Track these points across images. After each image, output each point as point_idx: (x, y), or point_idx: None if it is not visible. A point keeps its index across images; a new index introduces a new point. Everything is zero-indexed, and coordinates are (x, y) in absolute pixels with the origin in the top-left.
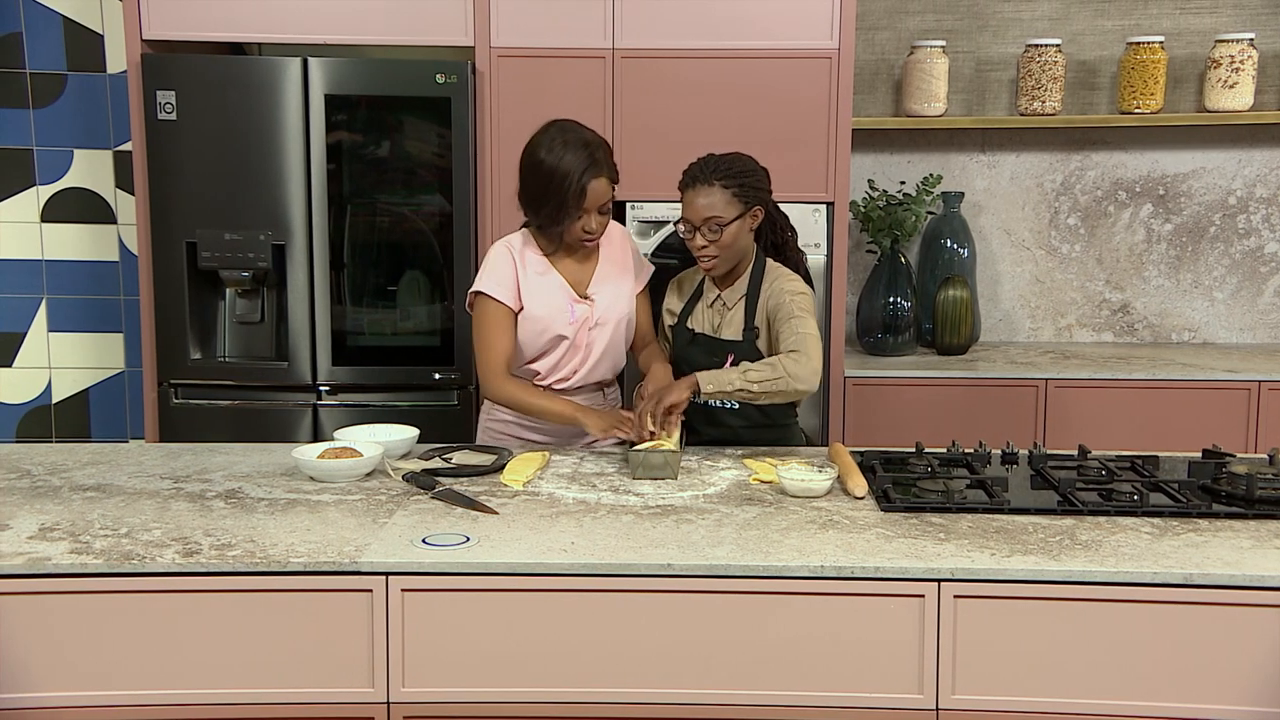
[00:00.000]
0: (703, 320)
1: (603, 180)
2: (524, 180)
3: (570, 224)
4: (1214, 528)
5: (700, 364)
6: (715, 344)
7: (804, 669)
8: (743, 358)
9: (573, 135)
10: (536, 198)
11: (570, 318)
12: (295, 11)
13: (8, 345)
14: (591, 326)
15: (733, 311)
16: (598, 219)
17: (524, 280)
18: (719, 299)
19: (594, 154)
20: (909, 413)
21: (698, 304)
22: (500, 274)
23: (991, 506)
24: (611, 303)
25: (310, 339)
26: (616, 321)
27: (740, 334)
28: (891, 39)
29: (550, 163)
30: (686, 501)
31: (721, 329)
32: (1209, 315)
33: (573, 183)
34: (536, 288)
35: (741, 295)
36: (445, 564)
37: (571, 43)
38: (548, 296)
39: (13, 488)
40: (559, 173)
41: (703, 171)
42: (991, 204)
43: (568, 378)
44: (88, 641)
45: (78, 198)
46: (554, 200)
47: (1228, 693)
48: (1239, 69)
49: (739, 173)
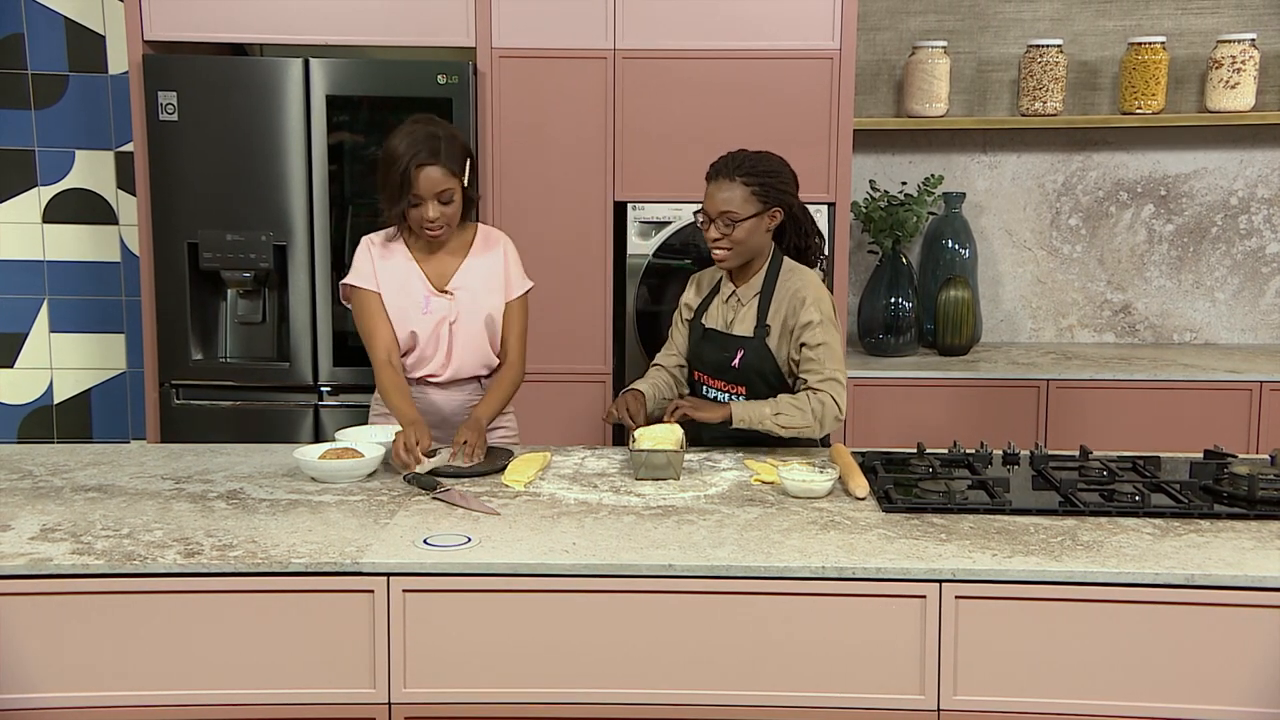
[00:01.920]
0: (717, 316)
1: (436, 168)
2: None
3: (408, 210)
4: (1215, 528)
5: (709, 359)
6: (726, 339)
7: (805, 669)
8: (751, 354)
9: (422, 126)
10: (379, 184)
11: (424, 308)
12: (297, 12)
13: (9, 346)
14: (452, 320)
15: (746, 308)
16: (436, 208)
17: (380, 268)
18: (734, 295)
19: (434, 144)
20: (910, 413)
21: (714, 300)
22: (359, 264)
23: (993, 507)
24: (472, 299)
25: (311, 340)
26: (480, 318)
27: (751, 330)
28: (893, 39)
29: (389, 147)
30: (688, 502)
31: (734, 325)
32: (1210, 316)
33: (402, 166)
34: (392, 277)
35: (756, 292)
36: (447, 565)
37: (573, 43)
38: (402, 286)
39: (14, 488)
40: (392, 156)
41: (726, 166)
42: (993, 204)
43: (437, 373)
44: (89, 642)
45: (79, 198)
46: (389, 185)
47: (1229, 693)
48: (1240, 69)
49: (762, 172)
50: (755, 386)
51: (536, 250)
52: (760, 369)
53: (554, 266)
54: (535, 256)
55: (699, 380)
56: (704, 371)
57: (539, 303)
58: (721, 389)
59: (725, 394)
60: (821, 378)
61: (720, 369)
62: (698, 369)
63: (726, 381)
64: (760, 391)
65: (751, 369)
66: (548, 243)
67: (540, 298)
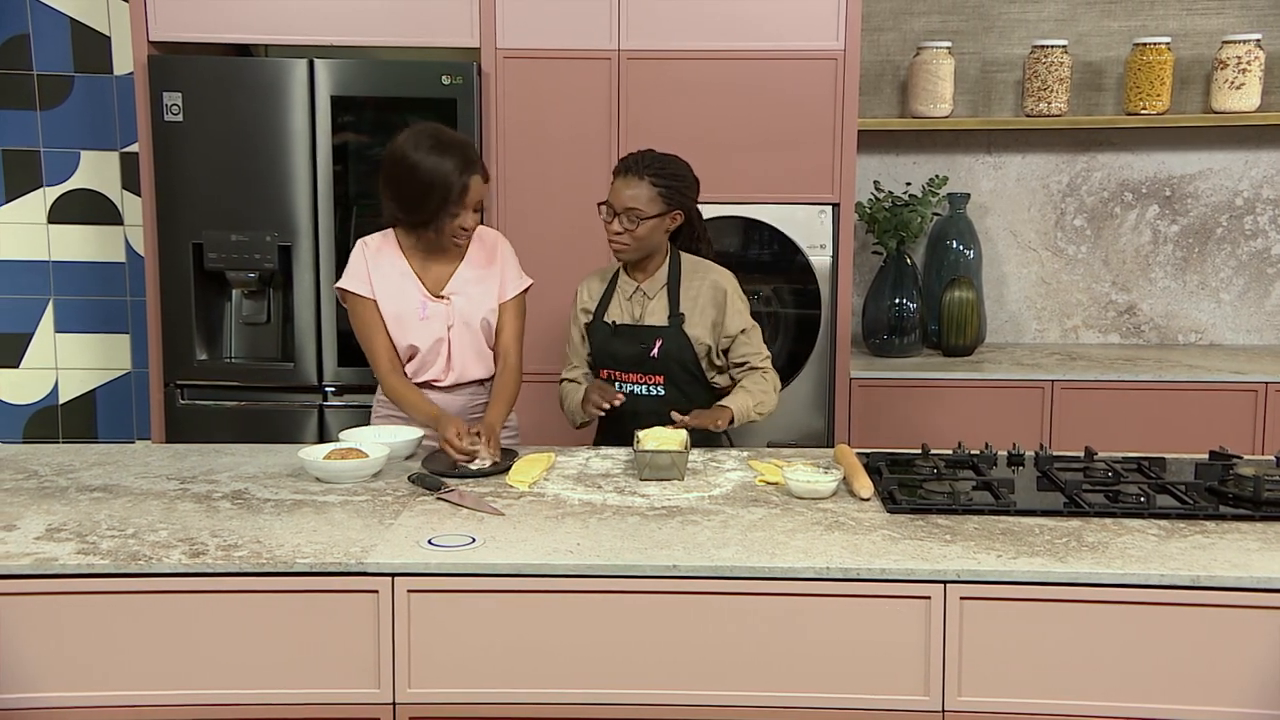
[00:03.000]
0: (622, 312)
1: (479, 177)
2: (397, 184)
3: (449, 224)
4: (1221, 529)
5: (625, 353)
6: (641, 331)
7: (810, 670)
8: (670, 343)
9: (445, 136)
10: (414, 200)
11: (421, 313)
12: (301, 13)
13: (15, 346)
14: (450, 325)
15: (655, 300)
16: (473, 217)
17: (375, 274)
18: (638, 290)
19: (468, 153)
20: (915, 414)
21: (613, 299)
22: (354, 269)
23: (998, 508)
24: (468, 303)
25: (316, 340)
26: (477, 322)
27: (666, 320)
28: (897, 40)
29: (430, 165)
30: (692, 503)
31: (644, 317)
32: (1216, 317)
33: (455, 182)
34: (387, 282)
35: (662, 285)
36: (451, 565)
37: (577, 44)
38: (398, 292)
39: (20, 488)
40: (440, 173)
41: (637, 164)
42: (997, 205)
43: (439, 379)
44: (94, 642)
45: (84, 199)
46: (435, 200)
47: (1234, 694)
48: (1246, 70)
49: (670, 175)
50: (674, 374)
51: (540, 251)
52: (680, 357)
53: (557, 267)
54: (538, 257)
55: (611, 378)
56: (617, 368)
57: (542, 304)
58: (638, 381)
59: (642, 385)
60: (762, 356)
61: (637, 361)
62: (609, 366)
63: (644, 373)
64: (679, 378)
65: (670, 357)
66: (551, 243)
67: (543, 299)
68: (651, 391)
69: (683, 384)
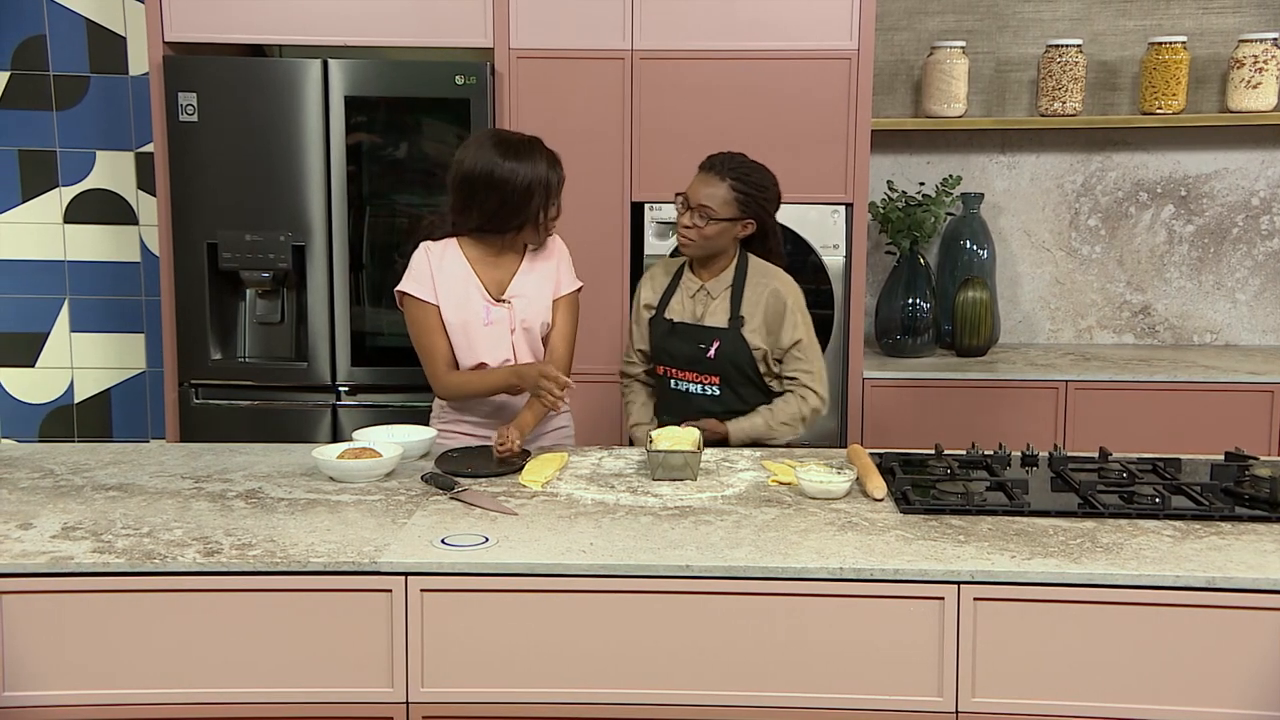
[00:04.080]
0: (682, 310)
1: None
2: (488, 196)
3: (546, 222)
4: (1236, 531)
5: (682, 352)
6: (699, 331)
7: (823, 671)
8: (727, 344)
9: (516, 138)
10: (512, 207)
11: (485, 319)
12: (315, 13)
13: (31, 345)
14: (512, 329)
15: (718, 301)
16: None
17: (439, 279)
18: (703, 289)
19: (545, 149)
20: (928, 414)
21: (675, 295)
22: (418, 272)
23: (1012, 509)
24: (528, 306)
25: (330, 339)
26: (537, 326)
27: (725, 321)
28: (911, 40)
29: (525, 170)
30: (705, 503)
31: (705, 317)
32: (1231, 317)
33: (553, 179)
34: (451, 288)
35: (727, 286)
36: (464, 564)
37: (590, 44)
38: (463, 298)
39: (36, 487)
40: (537, 176)
41: (722, 165)
42: (1011, 205)
43: None
44: (109, 640)
45: (100, 199)
46: (538, 200)
47: (1249, 696)
48: (1262, 69)
49: (752, 183)
50: (729, 376)
51: None
52: (736, 360)
53: None
54: None
55: (665, 375)
56: (673, 365)
57: None
58: (694, 380)
59: (697, 385)
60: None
61: (693, 361)
62: (664, 363)
63: (699, 373)
64: (734, 380)
65: (726, 359)
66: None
67: None
68: (707, 391)
69: (738, 386)
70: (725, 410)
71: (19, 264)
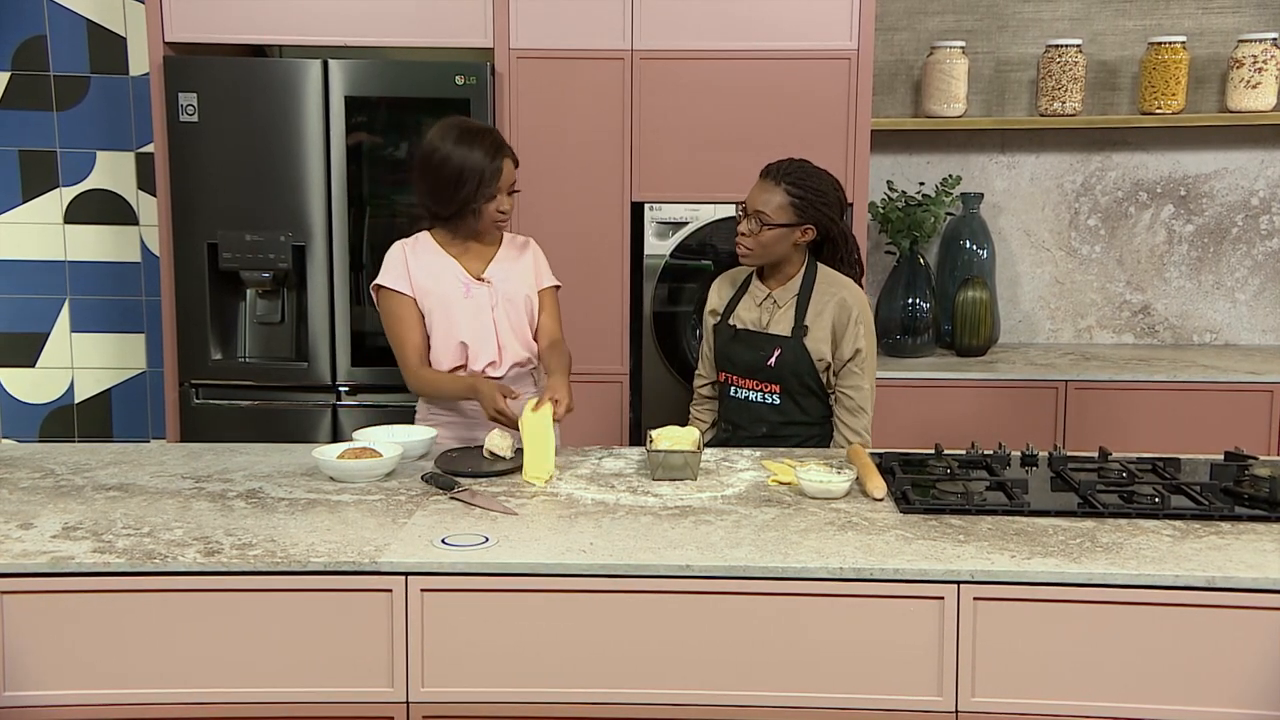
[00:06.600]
0: (748, 317)
1: (509, 161)
2: (431, 178)
3: (486, 207)
4: (1236, 530)
5: (743, 359)
6: (762, 339)
7: (822, 670)
8: (789, 353)
9: (471, 125)
10: (449, 190)
11: (465, 293)
12: (315, 13)
13: (31, 345)
14: (493, 305)
15: (783, 309)
16: (508, 200)
17: (414, 267)
18: (769, 297)
19: (496, 138)
20: (928, 414)
21: (741, 300)
22: (392, 266)
23: (1011, 508)
24: (506, 281)
25: (330, 340)
26: (520, 301)
27: (789, 330)
28: (911, 40)
29: (460, 155)
30: (705, 502)
31: (770, 325)
32: (1231, 317)
33: (487, 167)
34: (428, 272)
35: (793, 295)
36: (465, 564)
37: (590, 44)
38: (440, 277)
39: (36, 487)
40: (470, 161)
41: (777, 171)
42: (1011, 205)
43: (494, 360)
44: (110, 640)
45: (100, 199)
46: (470, 187)
47: (1249, 696)
48: (1262, 69)
49: (808, 188)
50: (789, 385)
51: (554, 251)
52: (796, 369)
53: (571, 267)
54: (552, 257)
55: (726, 381)
56: (734, 372)
57: None
58: (754, 388)
59: (757, 393)
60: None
61: (754, 369)
62: (726, 370)
63: (760, 381)
64: (794, 389)
65: (787, 368)
66: (565, 243)
67: None
68: (767, 400)
69: (798, 396)
70: (785, 420)
71: (19, 264)
